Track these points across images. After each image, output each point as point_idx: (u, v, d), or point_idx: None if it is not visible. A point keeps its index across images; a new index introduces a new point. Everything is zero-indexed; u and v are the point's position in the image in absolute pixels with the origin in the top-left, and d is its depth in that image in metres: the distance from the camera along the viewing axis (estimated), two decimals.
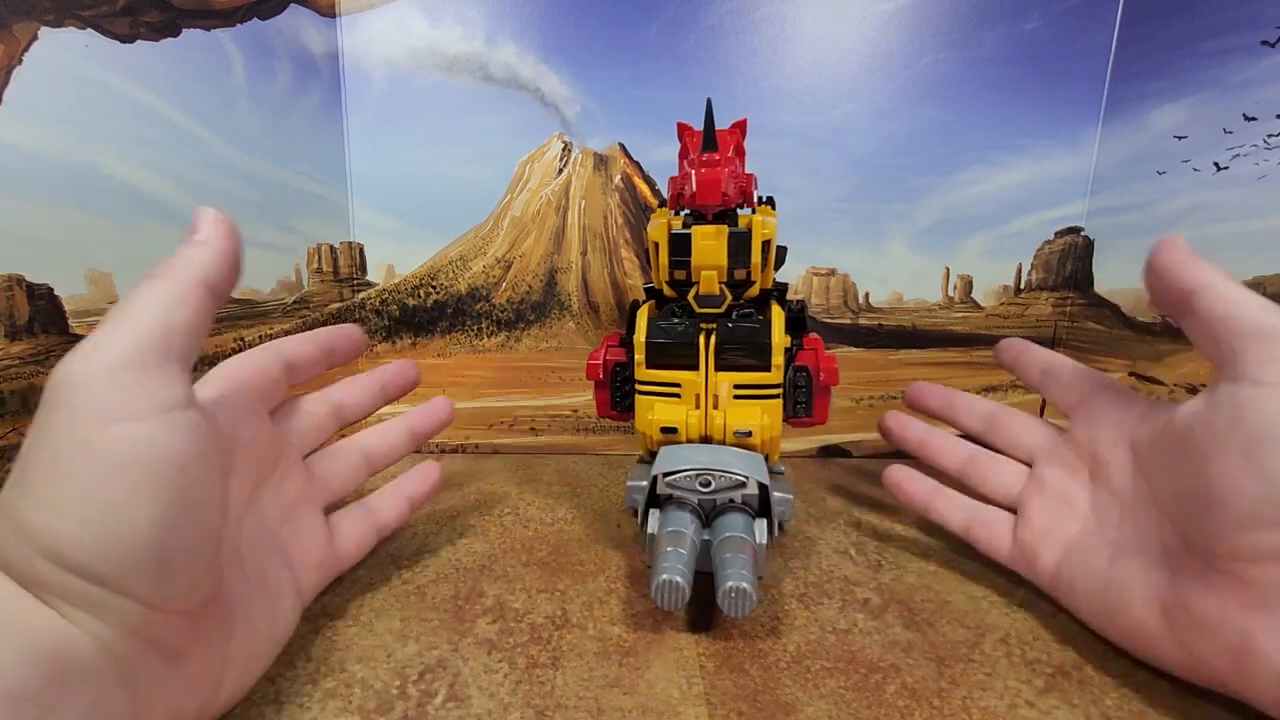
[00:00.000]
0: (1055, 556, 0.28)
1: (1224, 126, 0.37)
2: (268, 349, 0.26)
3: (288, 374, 0.27)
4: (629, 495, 0.32)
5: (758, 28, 0.44)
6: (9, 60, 0.27)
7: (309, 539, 0.26)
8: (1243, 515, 0.20)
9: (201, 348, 0.20)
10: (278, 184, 0.42)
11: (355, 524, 0.29)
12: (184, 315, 0.19)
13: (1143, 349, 0.43)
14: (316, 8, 0.43)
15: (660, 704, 0.23)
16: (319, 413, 0.29)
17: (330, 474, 0.29)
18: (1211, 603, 0.21)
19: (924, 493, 0.33)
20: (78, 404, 0.17)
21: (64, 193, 0.29)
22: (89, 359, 0.17)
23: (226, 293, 0.20)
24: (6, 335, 0.28)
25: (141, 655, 0.17)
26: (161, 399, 0.17)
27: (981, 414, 0.34)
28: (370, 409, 0.31)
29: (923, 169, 0.47)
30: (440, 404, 0.34)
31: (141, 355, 0.17)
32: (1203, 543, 0.22)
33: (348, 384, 0.31)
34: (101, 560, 0.16)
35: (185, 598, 0.18)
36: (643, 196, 0.48)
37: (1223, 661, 0.21)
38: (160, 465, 0.17)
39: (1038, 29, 0.44)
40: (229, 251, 0.20)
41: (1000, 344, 0.35)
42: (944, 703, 0.23)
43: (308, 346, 0.28)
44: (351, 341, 0.30)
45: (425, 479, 0.33)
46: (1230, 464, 0.20)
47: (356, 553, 0.29)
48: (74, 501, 0.16)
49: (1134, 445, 0.26)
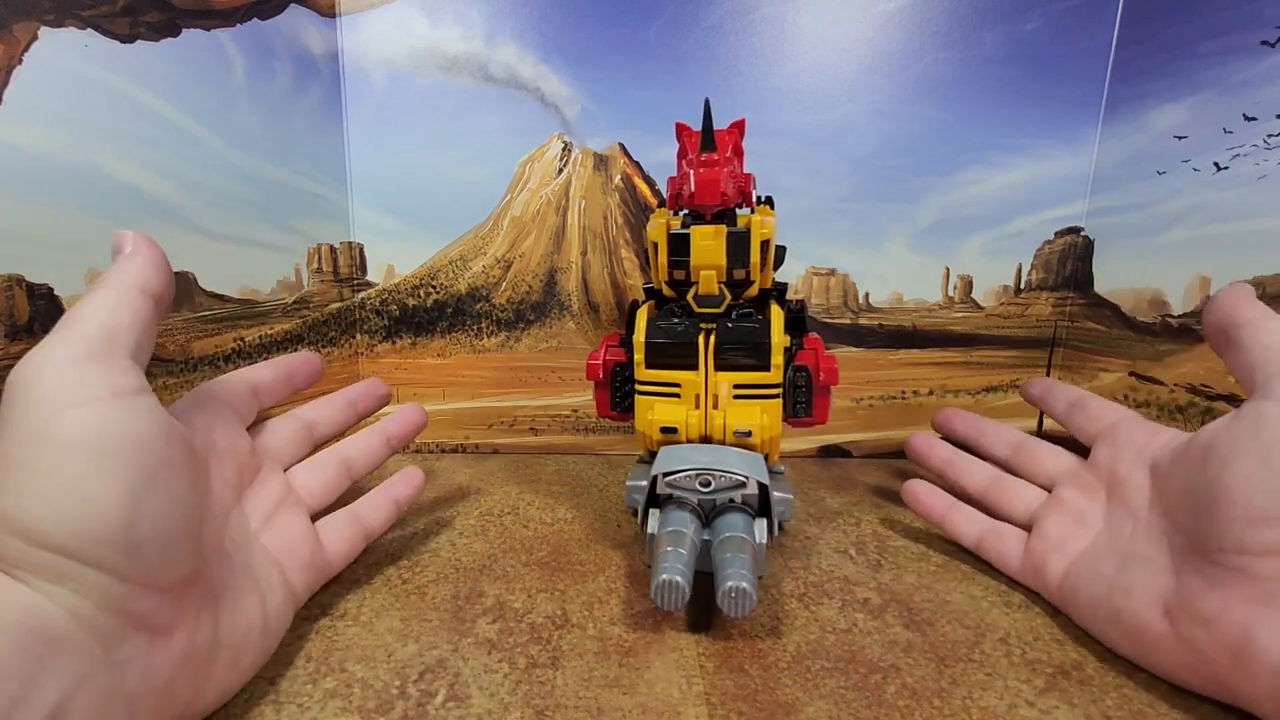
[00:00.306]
0: (1063, 565, 0.29)
1: (1224, 126, 0.37)
2: (234, 374, 0.28)
3: (255, 396, 0.28)
4: (629, 495, 0.32)
5: (758, 28, 0.44)
6: (9, 60, 0.27)
7: (295, 541, 0.27)
8: (1254, 511, 0.21)
9: (149, 348, 0.21)
10: (278, 184, 0.42)
11: (342, 528, 0.30)
12: (126, 316, 0.20)
13: (1143, 349, 0.43)
14: (316, 8, 0.43)
15: (660, 704, 0.23)
16: (293, 428, 0.30)
17: (312, 483, 0.30)
18: (1214, 598, 0.22)
19: (942, 507, 0.35)
20: (31, 397, 0.18)
21: (64, 193, 0.29)
22: (41, 357, 0.18)
23: (164, 297, 0.21)
24: (6, 335, 0.28)
25: (124, 630, 0.18)
26: (114, 385, 0.18)
27: (1009, 442, 0.35)
28: (342, 425, 0.33)
29: (923, 169, 0.47)
30: (411, 410, 0.35)
31: (90, 350, 0.18)
32: (1210, 539, 0.22)
33: (318, 403, 0.32)
34: (68, 534, 0.17)
35: (161, 571, 0.19)
36: (643, 196, 0.48)
37: (1222, 656, 0.22)
38: (118, 442, 0.18)
39: (1038, 29, 0.44)
40: (155, 259, 0.21)
41: (1029, 382, 0.38)
42: (944, 703, 0.23)
43: (269, 371, 0.30)
44: (310, 366, 0.31)
45: (410, 482, 0.34)
46: (1246, 465, 0.22)
47: (345, 557, 0.30)
48: (35, 483, 0.17)
49: (1154, 465, 0.27)
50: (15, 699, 0.15)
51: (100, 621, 0.17)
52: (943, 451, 0.38)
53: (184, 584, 0.20)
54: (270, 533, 0.26)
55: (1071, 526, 0.29)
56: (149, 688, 0.18)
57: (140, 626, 0.18)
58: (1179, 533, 0.25)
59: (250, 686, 0.23)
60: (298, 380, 0.31)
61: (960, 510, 0.34)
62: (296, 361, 0.31)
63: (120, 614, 0.18)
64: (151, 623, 0.19)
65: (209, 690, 0.21)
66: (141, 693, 0.18)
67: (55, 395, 0.18)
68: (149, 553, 0.18)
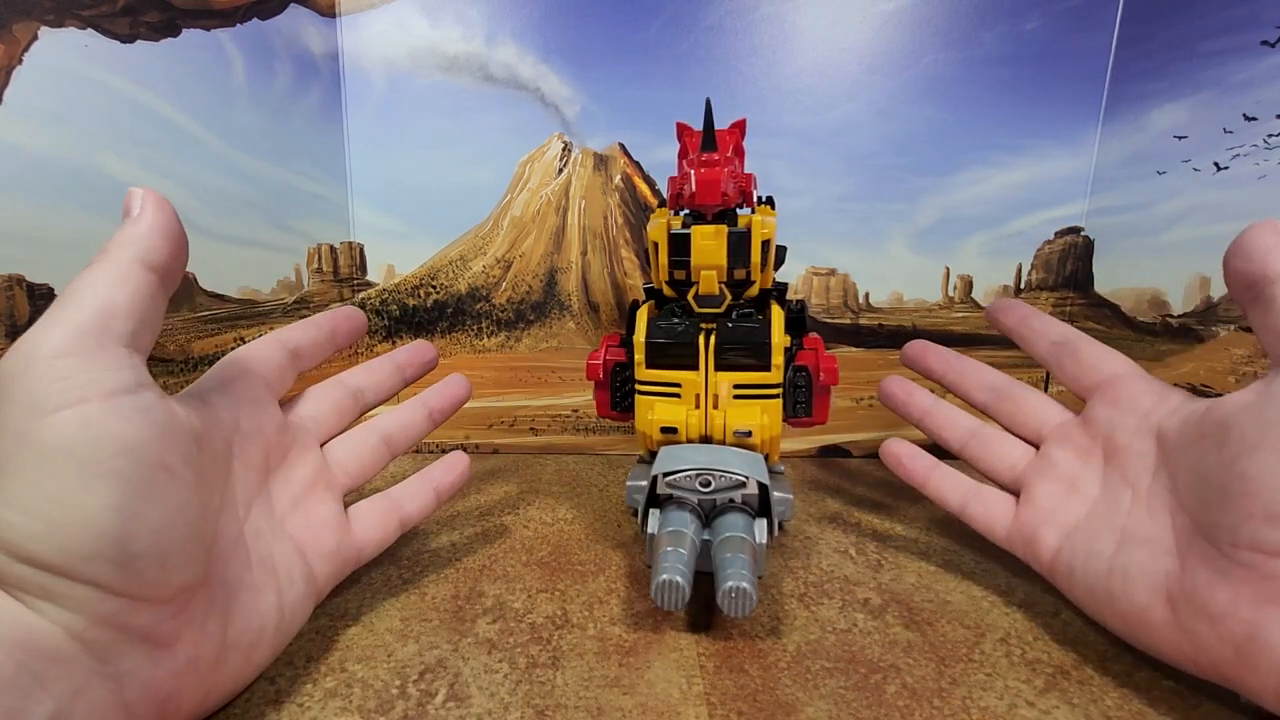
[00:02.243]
0: (1057, 539, 0.27)
1: (1224, 126, 0.37)
2: (270, 338, 0.27)
3: (293, 360, 0.27)
4: (629, 495, 0.32)
5: (758, 28, 0.44)
6: (9, 60, 0.27)
7: (322, 527, 0.26)
8: (1276, 507, 0.19)
9: (154, 330, 0.19)
10: (278, 184, 0.42)
11: (376, 514, 0.28)
12: (123, 296, 0.18)
13: (1143, 349, 0.43)
14: (316, 8, 0.43)
15: (660, 704, 0.23)
16: (337, 397, 0.29)
17: (349, 459, 0.28)
18: (1222, 592, 0.21)
19: (923, 469, 0.32)
20: (16, 396, 0.16)
21: (64, 193, 0.29)
22: (26, 350, 0.17)
23: (172, 270, 0.19)
24: (6, 335, 0.28)
25: (120, 643, 0.17)
26: (103, 384, 0.17)
27: (989, 384, 0.32)
28: (389, 391, 0.31)
29: (923, 169, 0.47)
30: (455, 381, 0.33)
31: (78, 341, 0.17)
32: (1223, 531, 0.21)
33: (364, 368, 0.31)
34: (55, 551, 0.16)
35: (158, 584, 0.18)
36: (643, 196, 0.48)
37: (1226, 651, 0.21)
38: (107, 449, 0.16)
39: (1038, 29, 0.44)
40: (163, 225, 0.19)
41: (996, 304, 0.33)
42: (944, 703, 0.23)
43: (310, 330, 0.28)
44: (352, 321, 0.29)
45: (453, 469, 0.31)
46: (1271, 456, 0.19)
47: (377, 543, 0.28)
48: (21, 493, 0.16)
49: (1161, 434, 0.25)
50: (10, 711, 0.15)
51: (94, 636, 0.17)
52: (922, 400, 0.33)
53: (188, 593, 0.19)
54: (297, 517, 0.25)
55: (1064, 495, 0.28)
56: (150, 697, 0.18)
57: (139, 640, 0.18)
58: (1184, 513, 0.23)
59: (250, 686, 0.23)
60: (340, 337, 0.29)
61: (940, 472, 0.32)
62: (339, 317, 0.29)
63: (116, 628, 0.17)
64: (151, 636, 0.18)
65: (215, 693, 0.21)
66: (142, 702, 0.18)
67: (40, 395, 0.16)
68: (145, 566, 0.17)
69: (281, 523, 0.24)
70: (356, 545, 0.27)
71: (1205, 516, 0.22)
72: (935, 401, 0.33)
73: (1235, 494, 0.20)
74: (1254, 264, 0.21)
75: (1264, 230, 0.22)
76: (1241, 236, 0.22)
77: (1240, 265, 0.22)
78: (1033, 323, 0.31)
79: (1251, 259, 0.21)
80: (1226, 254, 0.23)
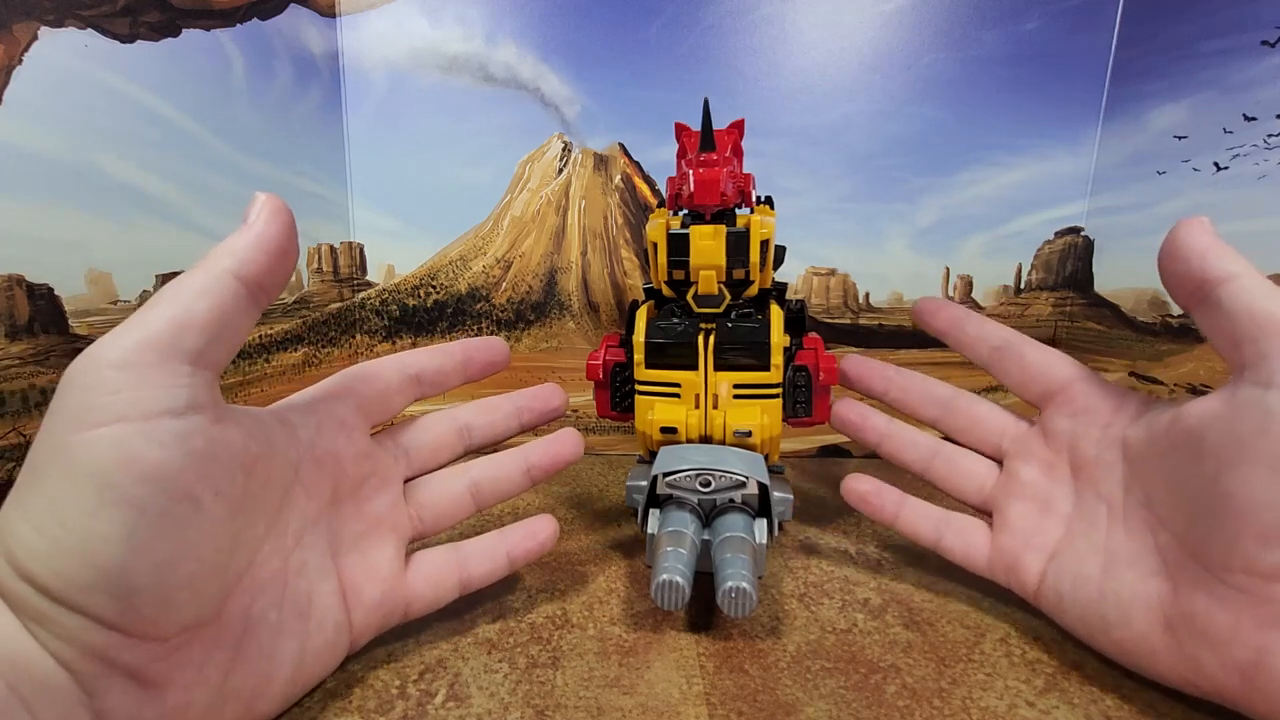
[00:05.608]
0: (1039, 564, 0.26)
1: (1224, 126, 0.37)
2: (392, 359, 0.26)
3: (412, 385, 0.26)
4: (629, 495, 0.32)
5: (758, 28, 0.44)
6: (9, 60, 0.27)
7: (373, 573, 0.24)
8: (1266, 530, 0.19)
9: (233, 345, 0.18)
10: (278, 184, 0.42)
11: (438, 569, 0.26)
12: (203, 308, 0.17)
13: (1143, 349, 0.43)
14: (316, 8, 0.43)
15: (660, 704, 0.23)
16: (440, 431, 0.27)
17: (429, 503, 0.26)
18: (1223, 617, 0.20)
19: (891, 505, 0.30)
20: (68, 402, 0.16)
21: (64, 193, 0.29)
22: (93, 355, 0.16)
23: (267, 285, 0.19)
24: (6, 335, 0.28)
25: (106, 679, 0.16)
26: (148, 404, 0.16)
27: (935, 398, 0.30)
28: (503, 435, 0.29)
29: (923, 169, 0.47)
30: (568, 438, 0.29)
31: (141, 353, 0.16)
32: (1215, 554, 0.20)
33: (481, 404, 0.28)
34: (52, 575, 0.15)
35: (157, 622, 0.17)
36: (643, 196, 0.48)
37: (1231, 678, 0.20)
38: (129, 474, 0.16)
39: (1038, 29, 0.44)
40: (270, 237, 0.18)
41: (923, 304, 0.31)
42: (944, 703, 0.23)
43: (439, 357, 0.27)
44: (490, 354, 0.28)
45: (532, 535, 0.28)
46: (1256, 475, 0.19)
47: (429, 603, 0.26)
48: (38, 508, 0.15)
49: (1126, 445, 0.24)
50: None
51: (79, 666, 0.16)
52: (877, 424, 0.31)
53: (189, 632, 0.18)
54: (352, 556, 0.23)
55: (1039, 515, 0.26)
56: None
57: (126, 677, 0.17)
58: (1165, 530, 0.22)
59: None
60: (473, 369, 0.27)
61: (911, 506, 0.30)
62: (477, 348, 0.27)
63: (102, 662, 0.16)
64: (140, 675, 0.17)
65: None
66: None
67: (84, 407, 0.16)
68: (144, 603, 0.16)
69: (332, 559, 0.23)
70: (405, 599, 0.25)
71: (1193, 537, 0.21)
72: (889, 423, 0.31)
73: (1221, 514, 0.20)
74: (1191, 267, 0.21)
75: (1194, 230, 0.21)
76: (1172, 238, 0.21)
77: (1178, 269, 0.21)
78: (968, 328, 0.30)
79: (1189, 262, 0.21)
80: (1160, 257, 0.22)
